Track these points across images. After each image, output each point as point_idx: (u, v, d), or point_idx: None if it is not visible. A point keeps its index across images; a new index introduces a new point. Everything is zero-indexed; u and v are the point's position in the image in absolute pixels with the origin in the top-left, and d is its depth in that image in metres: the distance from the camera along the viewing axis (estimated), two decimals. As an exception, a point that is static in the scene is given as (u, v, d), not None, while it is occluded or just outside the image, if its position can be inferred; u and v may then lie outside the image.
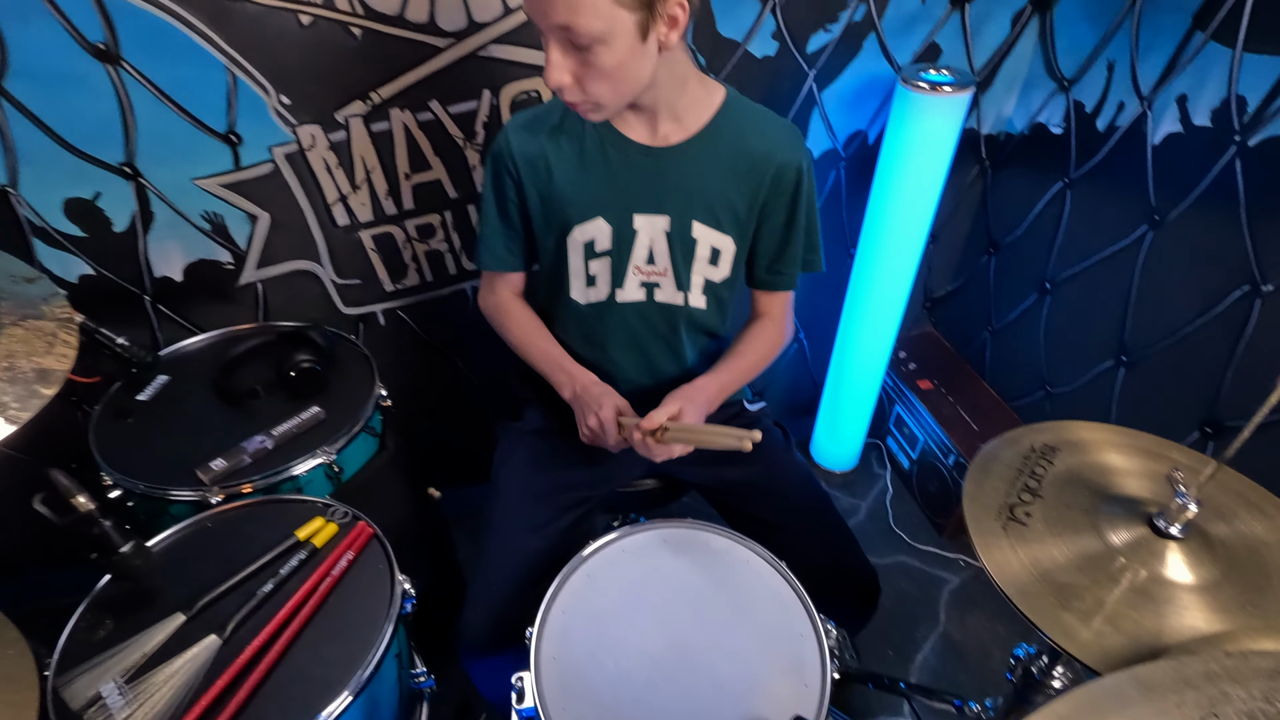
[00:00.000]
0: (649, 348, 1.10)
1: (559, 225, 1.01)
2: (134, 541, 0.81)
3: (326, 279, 1.36)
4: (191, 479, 1.00)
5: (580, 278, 1.04)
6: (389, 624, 0.84)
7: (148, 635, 0.80)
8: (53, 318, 0.92)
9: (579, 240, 1.01)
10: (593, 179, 0.98)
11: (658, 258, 1.02)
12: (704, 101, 0.97)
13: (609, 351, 1.10)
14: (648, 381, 1.13)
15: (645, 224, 1.00)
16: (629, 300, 1.05)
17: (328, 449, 1.07)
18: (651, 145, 0.97)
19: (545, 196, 1.00)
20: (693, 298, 1.06)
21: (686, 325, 1.09)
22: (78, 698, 0.75)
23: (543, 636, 0.82)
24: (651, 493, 1.18)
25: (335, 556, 0.90)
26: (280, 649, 0.80)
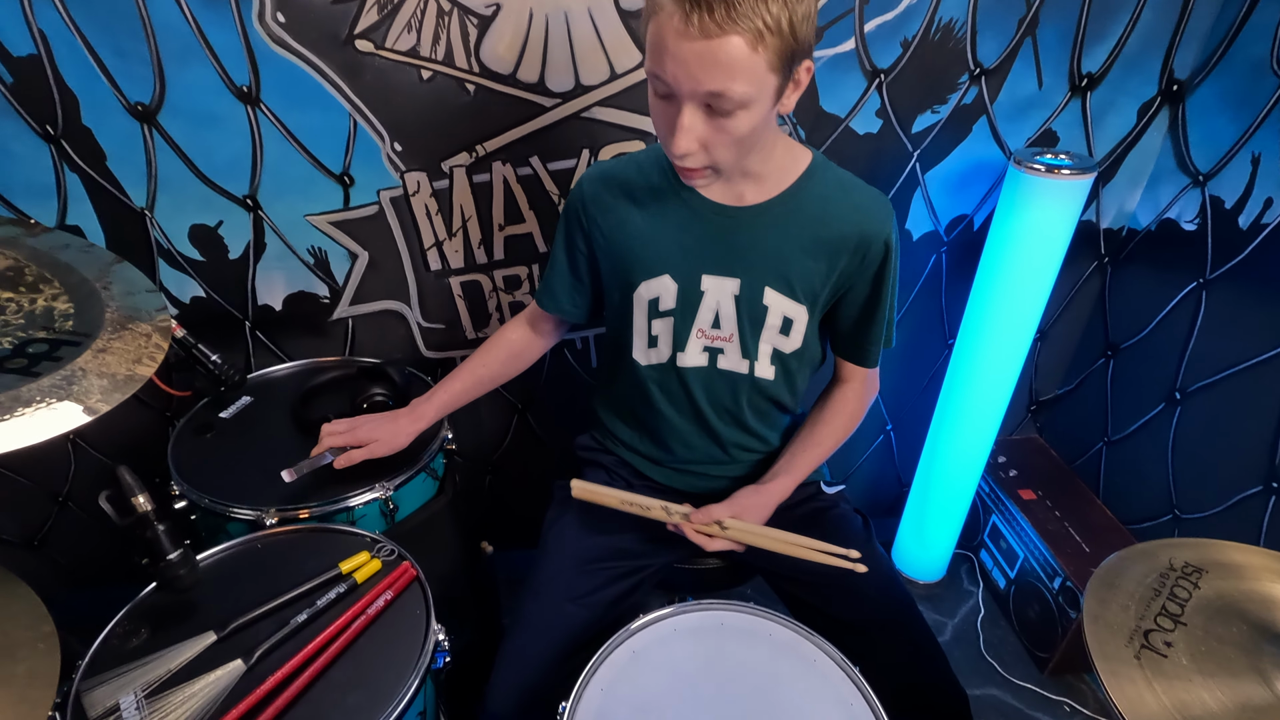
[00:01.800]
0: (710, 416, 1.04)
1: (625, 279, 0.99)
2: (183, 550, 0.80)
3: (413, 321, 1.39)
4: (255, 497, 1.00)
5: (643, 337, 1.01)
6: (416, 677, 0.78)
7: (176, 651, 0.78)
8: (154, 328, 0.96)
9: (644, 297, 0.98)
10: (663, 234, 0.95)
11: (724, 322, 0.97)
12: (787, 165, 0.93)
13: (669, 418, 1.05)
14: (714, 452, 1.07)
15: (714, 285, 0.95)
16: (690, 365, 1.00)
17: (386, 484, 1.05)
18: (727, 204, 0.93)
19: (614, 249, 0.99)
20: (759, 367, 1.00)
21: (751, 395, 1.03)
22: (96, 705, 0.72)
23: (576, 715, 0.73)
24: (713, 573, 1.08)
25: (374, 594, 0.86)
26: (301, 685, 0.75)
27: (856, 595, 0.96)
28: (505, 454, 1.59)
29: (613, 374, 1.09)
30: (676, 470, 1.07)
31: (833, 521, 1.04)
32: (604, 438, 1.14)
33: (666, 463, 1.07)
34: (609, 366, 1.10)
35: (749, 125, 0.77)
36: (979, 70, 1.24)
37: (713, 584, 1.10)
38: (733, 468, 1.07)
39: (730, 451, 1.06)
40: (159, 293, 0.97)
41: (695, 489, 1.07)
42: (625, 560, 1.01)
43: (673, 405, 1.04)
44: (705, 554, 1.07)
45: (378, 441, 1.04)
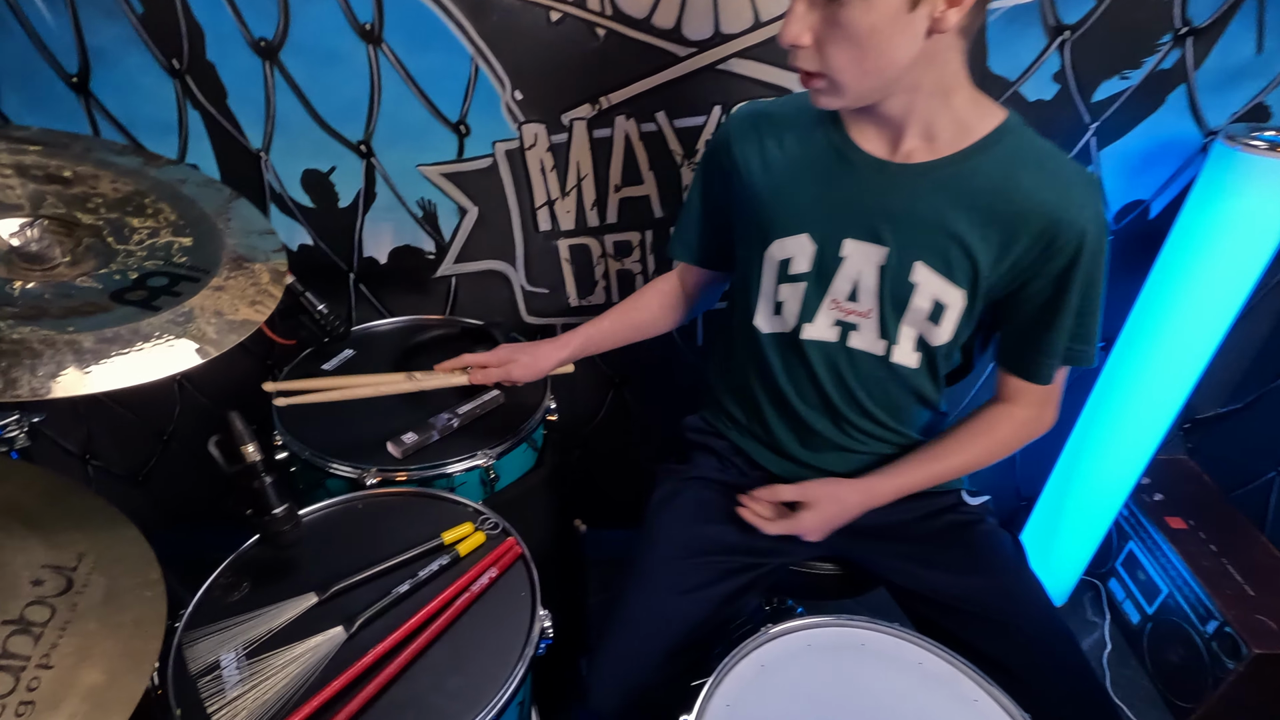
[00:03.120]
0: (835, 399, 0.92)
1: (758, 234, 0.88)
2: (288, 505, 0.76)
3: (517, 283, 1.33)
4: (358, 454, 0.96)
5: (768, 301, 0.90)
6: (521, 665, 0.72)
7: (278, 610, 0.74)
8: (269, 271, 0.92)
9: (775, 256, 0.87)
10: (808, 187, 0.84)
11: (862, 295, 0.85)
12: (970, 120, 0.78)
13: (789, 398, 0.94)
14: (841, 440, 0.95)
15: (856, 252, 0.83)
16: (815, 338, 0.88)
17: (488, 452, 0.99)
18: (887, 159, 0.80)
19: (752, 198, 0.87)
20: (898, 351, 0.87)
21: (884, 382, 0.89)
22: (198, 660, 0.69)
23: (699, 731, 0.65)
24: (829, 579, 0.98)
25: (478, 570, 0.80)
26: (403, 662, 0.70)
27: (1011, 629, 0.83)
28: (597, 429, 1.52)
29: (731, 345, 0.99)
30: (796, 462, 0.96)
31: (979, 539, 0.91)
32: (715, 419, 1.05)
33: (786, 451, 0.97)
34: (727, 337, 1.00)
35: (866, 23, 0.66)
36: (1185, 29, 1.06)
37: (827, 591, 1.00)
38: (861, 461, 0.96)
39: (856, 438, 0.94)
40: (276, 235, 0.93)
41: None
42: (737, 555, 0.91)
43: (793, 383, 0.93)
44: (822, 556, 0.97)
45: (516, 363, 1.02)
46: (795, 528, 0.88)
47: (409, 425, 1.00)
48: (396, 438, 0.98)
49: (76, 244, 0.73)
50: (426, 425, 1.01)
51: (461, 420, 1.03)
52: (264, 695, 0.66)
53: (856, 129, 0.82)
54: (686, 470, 1.00)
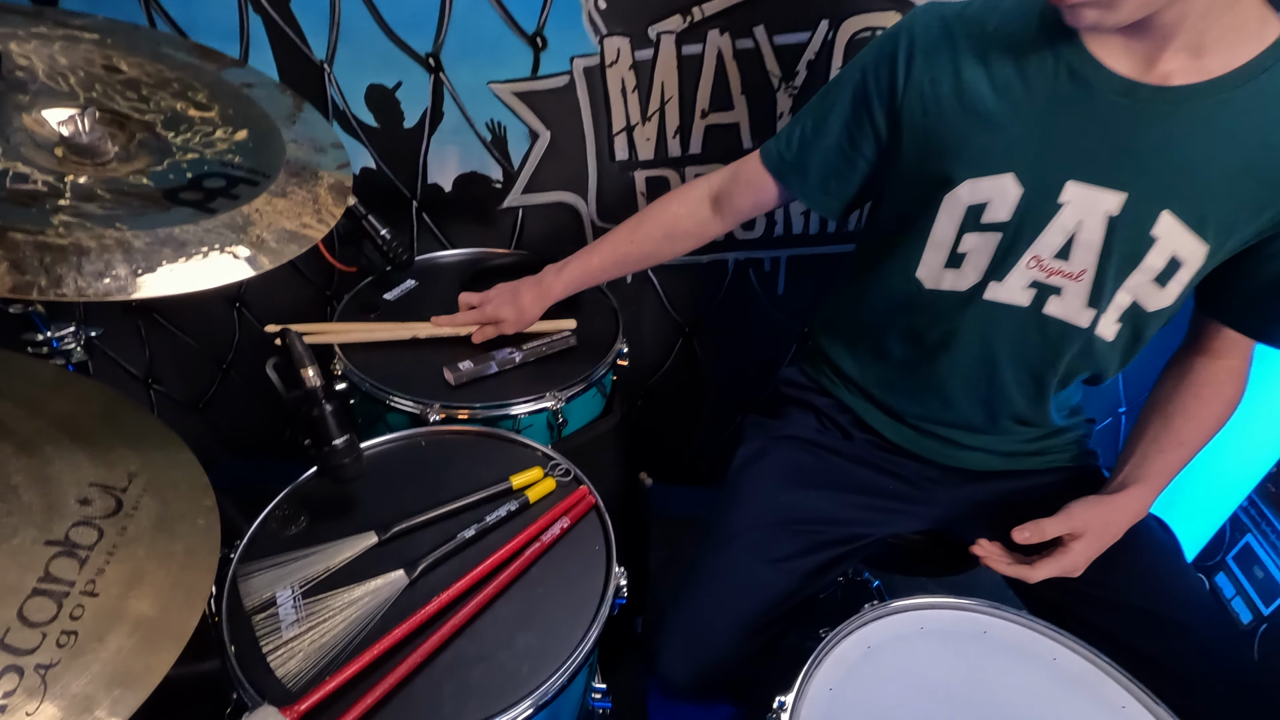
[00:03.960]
0: (1004, 374, 0.78)
1: (939, 172, 0.72)
2: (348, 437, 0.70)
3: (587, 218, 1.23)
4: (420, 388, 0.90)
5: (942, 251, 0.75)
6: (596, 627, 0.65)
7: (336, 548, 0.68)
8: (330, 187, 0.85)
9: (963, 200, 0.71)
10: (1019, 115, 0.68)
11: (1078, 252, 0.69)
12: (1248, 31, 0.61)
13: (939, 364, 0.80)
14: (980, 418, 0.82)
15: (1081, 199, 0.67)
16: (1003, 301, 0.74)
17: (557, 394, 0.92)
18: (1139, 80, 0.64)
19: (935, 126, 0.71)
20: (1103, 322, 0.73)
21: (1074, 358, 0.76)
22: (253, 595, 0.64)
23: (798, 716, 0.57)
24: (930, 554, 0.89)
25: (549, 519, 0.73)
26: (469, 614, 0.64)
27: (1168, 622, 0.71)
28: (663, 380, 1.44)
29: (863, 294, 0.85)
30: (918, 430, 0.86)
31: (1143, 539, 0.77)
32: (820, 374, 0.93)
33: (908, 417, 0.86)
34: (859, 283, 0.87)
35: None
36: None
37: (927, 567, 0.90)
38: (997, 442, 0.84)
39: (1001, 422, 0.82)
40: (343, 149, 0.85)
41: (936, 457, 0.86)
42: (836, 526, 0.82)
43: (952, 349, 0.78)
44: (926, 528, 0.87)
45: (505, 321, 0.96)
46: (1066, 567, 0.71)
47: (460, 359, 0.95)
48: (454, 364, 0.92)
49: (129, 139, 0.66)
50: (486, 357, 0.94)
51: (525, 356, 0.96)
52: (321, 638, 0.61)
53: (1098, 41, 0.65)
54: (779, 427, 0.91)
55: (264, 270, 0.60)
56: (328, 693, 0.56)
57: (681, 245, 0.94)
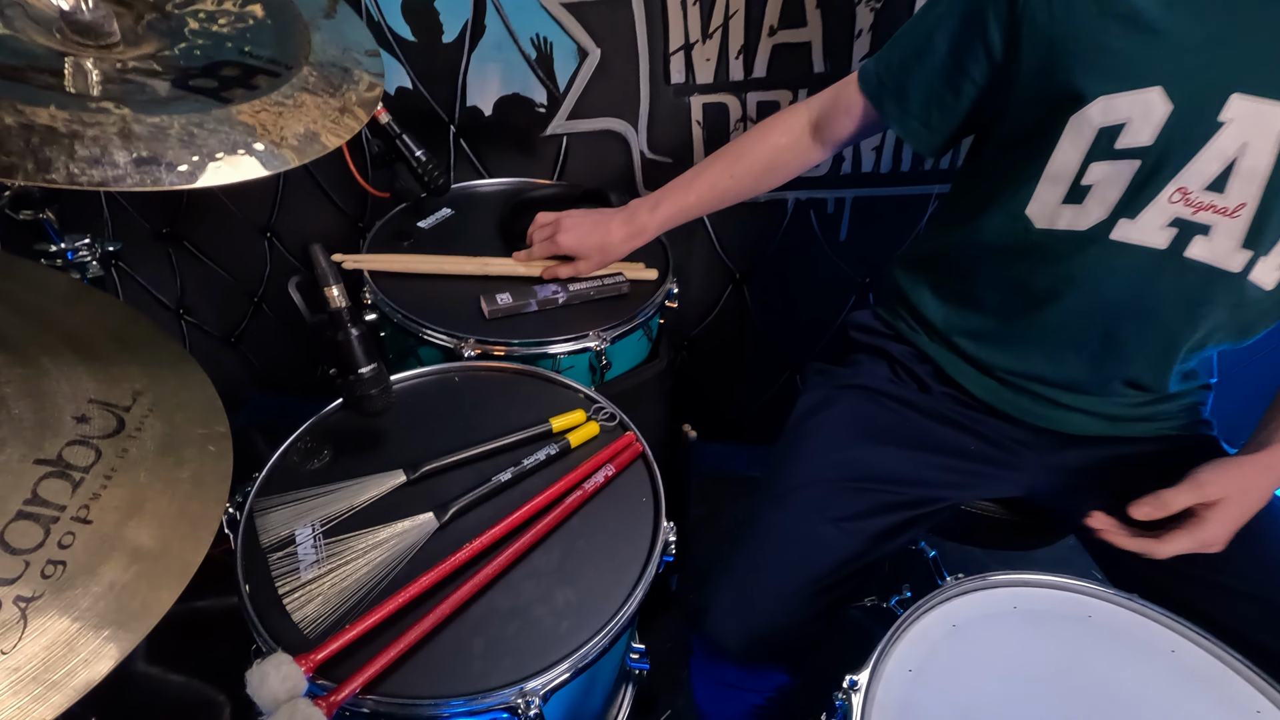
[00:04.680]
0: (1122, 334, 0.67)
1: (1064, 90, 0.61)
2: (376, 366, 0.63)
3: (636, 149, 1.14)
4: (454, 320, 0.83)
5: (1061, 184, 0.64)
6: (642, 586, 0.59)
7: (361, 486, 0.63)
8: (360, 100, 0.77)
9: (1094, 121, 0.60)
10: (1175, 12, 0.56)
11: (1236, 182, 0.58)
12: None
13: (1044, 317, 0.69)
14: (1087, 378, 0.72)
15: (1248, 115, 0.56)
16: (1135, 242, 0.63)
17: (602, 334, 0.84)
18: None
19: (1063, 29, 0.61)
20: (1261, 268, 0.61)
21: (1218, 312, 0.65)
22: (270, 532, 0.59)
23: (873, 698, 0.50)
24: (1010, 525, 0.80)
25: (592, 466, 0.66)
26: (504, 563, 0.58)
27: None
28: (708, 329, 1.35)
29: (955, 234, 0.75)
30: (1010, 386, 0.76)
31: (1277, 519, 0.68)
32: (898, 319, 0.83)
33: (999, 371, 0.76)
34: (950, 221, 0.77)
35: None
36: None
37: (1005, 537, 0.82)
38: (1101, 404, 0.74)
39: (1112, 384, 0.72)
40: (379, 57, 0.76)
41: (1027, 418, 0.76)
42: (907, 487, 0.74)
43: (1063, 299, 0.68)
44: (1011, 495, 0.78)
45: (585, 260, 0.88)
46: (1204, 540, 0.61)
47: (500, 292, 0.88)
48: (492, 297, 0.85)
49: (137, 19, 0.59)
50: (526, 291, 0.87)
51: (569, 298, 0.88)
52: (342, 581, 0.56)
53: None
54: (847, 375, 0.82)
55: (279, 169, 0.53)
56: (347, 642, 0.51)
57: (782, 177, 0.85)
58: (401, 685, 0.51)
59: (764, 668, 0.71)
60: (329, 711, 0.47)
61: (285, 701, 0.46)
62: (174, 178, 0.48)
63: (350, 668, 0.50)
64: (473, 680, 0.51)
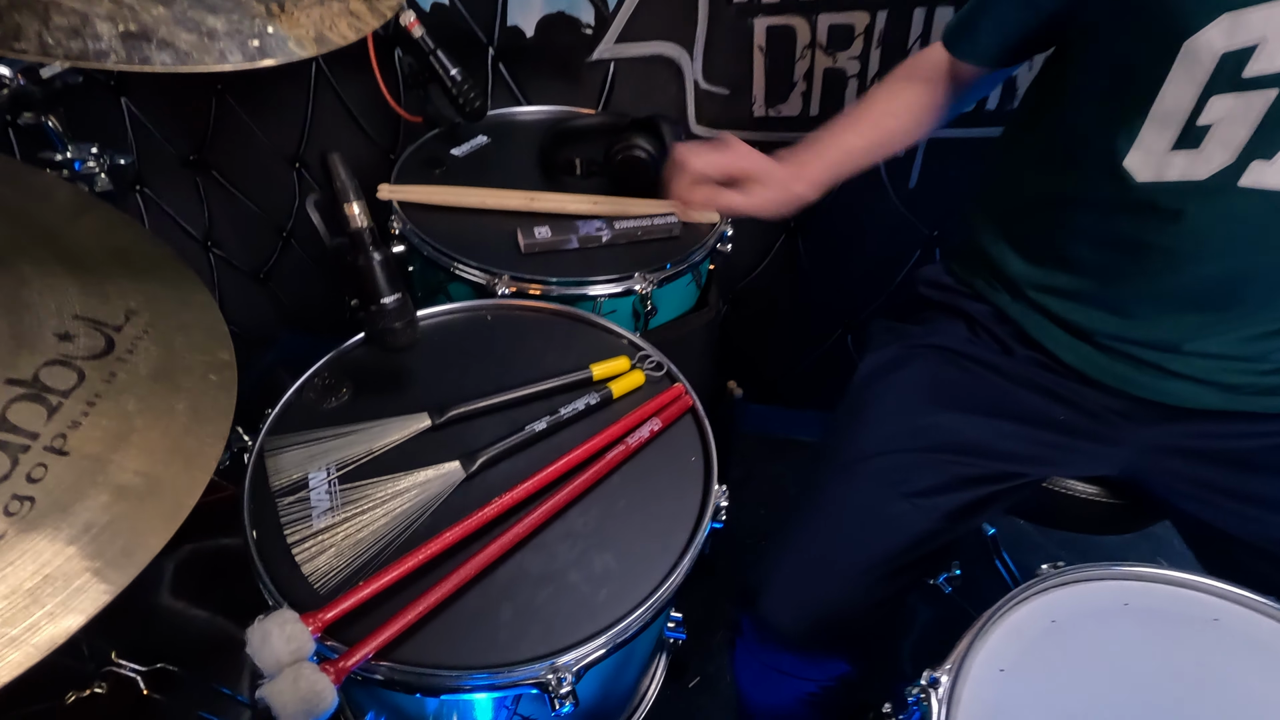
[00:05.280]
0: (1249, 294, 0.58)
1: (1175, 11, 0.52)
2: (400, 296, 0.57)
3: (689, 78, 1.04)
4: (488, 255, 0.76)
5: (1169, 127, 0.54)
6: (690, 554, 0.52)
7: (382, 429, 0.57)
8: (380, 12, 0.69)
9: (1213, 47, 0.50)
10: None
11: None
12: None
13: (1154, 276, 0.60)
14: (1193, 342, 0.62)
15: None
16: (1272, 187, 0.53)
17: (648, 276, 0.77)
18: None
19: None
20: None
21: None
22: (281, 474, 0.53)
23: (958, 699, 0.43)
24: (1099, 507, 0.71)
25: (636, 419, 0.59)
26: (537, 522, 0.52)
27: None
28: (755, 282, 1.26)
29: (1040, 186, 0.67)
30: (1107, 350, 0.66)
31: None
32: (974, 275, 0.74)
33: (1097, 336, 0.66)
34: (1034, 171, 0.68)
35: None
36: None
37: (1087, 521, 0.74)
38: (1219, 370, 0.64)
39: (1231, 349, 0.62)
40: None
41: (1128, 387, 0.66)
42: (988, 460, 0.66)
43: (1178, 256, 0.58)
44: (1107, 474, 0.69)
45: (766, 201, 0.76)
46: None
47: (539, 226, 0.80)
48: (529, 230, 0.78)
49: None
50: (568, 227, 0.79)
51: (614, 236, 0.80)
52: (357, 533, 0.50)
53: None
54: (920, 333, 0.73)
55: (290, 59, 0.46)
56: (360, 600, 0.45)
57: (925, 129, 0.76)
58: (419, 652, 0.45)
59: (823, 656, 0.64)
60: (338, 678, 0.41)
61: (289, 665, 0.41)
62: (166, 57, 0.41)
63: (362, 630, 0.44)
64: (499, 651, 0.46)
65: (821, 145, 0.75)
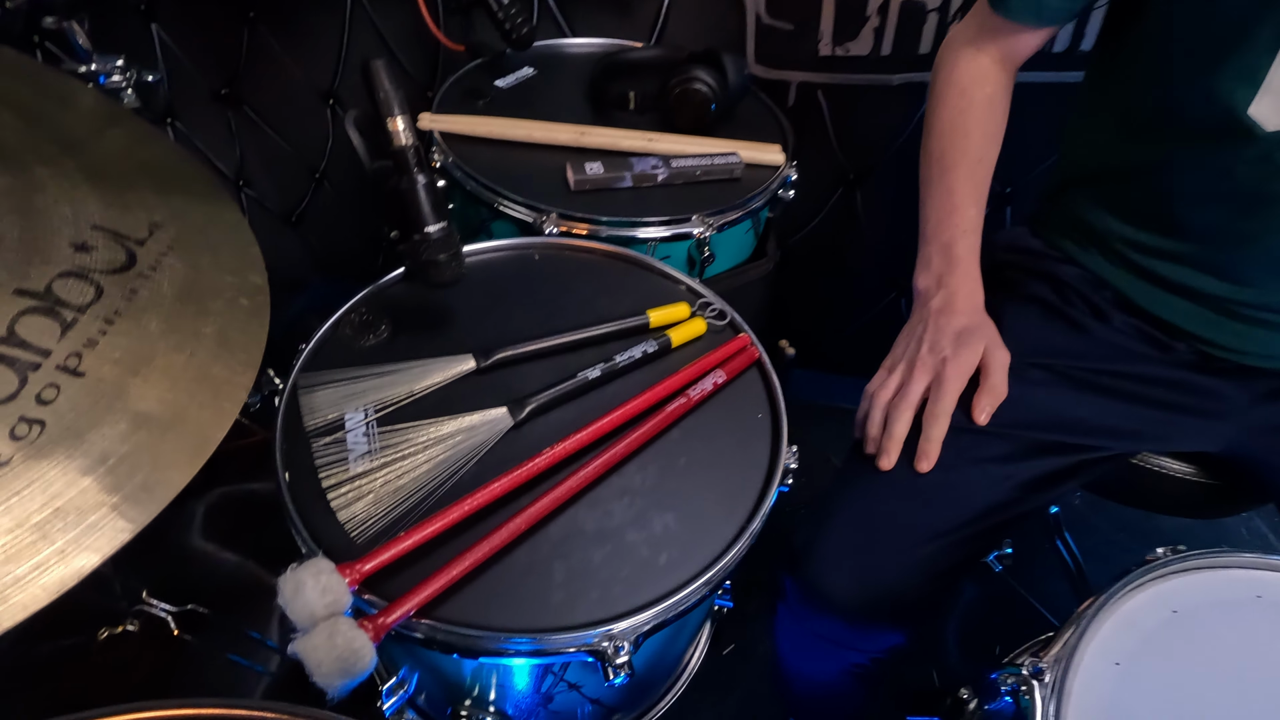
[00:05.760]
0: None
1: None
2: (447, 225, 0.52)
3: (751, 11, 0.95)
4: (536, 191, 0.71)
5: None
6: (757, 519, 0.47)
7: (424, 369, 0.52)
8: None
9: None
10: None
11: None
12: None
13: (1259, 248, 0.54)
14: None
15: None
16: None
17: (708, 219, 0.71)
18: None
19: None
20: None
21: None
22: (316, 413, 0.49)
23: (1068, 695, 0.38)
24: (1195, 487, 0.65)
25: (698, 369, 0.54)
26: (591, 476, 0.47)
27: None
28: (808, 238, 1.19)
29: (1143, 141, 0.59)
30: (1230, 315, 0.59)
31: None
32: (1062, 237, 0.67)
33: (1212, 298, 0.59)
34: (1134, 124, 0.60)
35: None
36: None
37: (1178, 502, 0.67)
38: None
39: None
40: None
41: (1251, 357, 0.60)
42: (1069, 432, 0.59)
43: None
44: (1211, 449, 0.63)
45: (995, 361, 0.59)
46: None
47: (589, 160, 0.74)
48: (580, 165, 0.72)
49: None
50: (621, 163, 0.73)
51: (670, 175, 0.74)
52: (398, 479, 0.46)
53: None
54: (997, 294, 0.65)
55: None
56: (401, 552, 0.41)
57: None
58: (464, 611, 0.41)
59: (874, 625, 0.59)
60: (376, 635, 0.38)
61: (324, 618, 0.37)
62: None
63: (402, 584, 0.40)
64: (551, 613, 0.41)
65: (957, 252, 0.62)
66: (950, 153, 0.65)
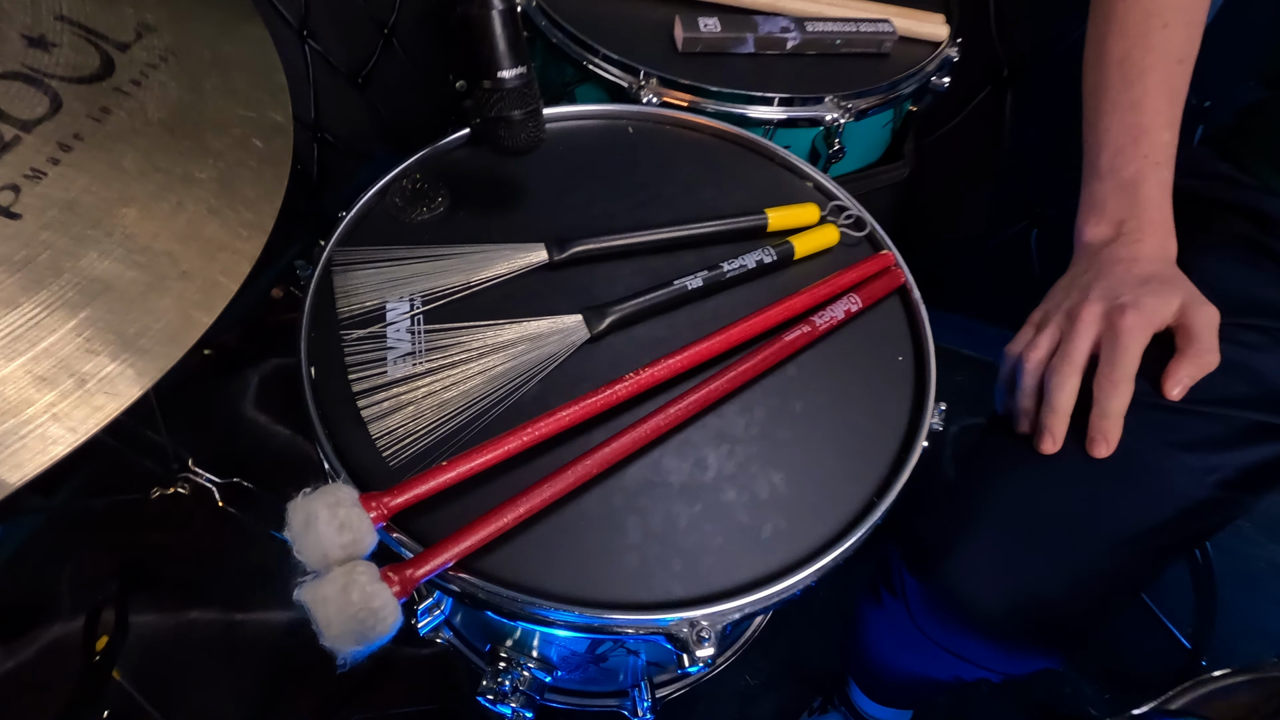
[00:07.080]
0: None
1: None
2: (526, 71, 0.40)
3: None
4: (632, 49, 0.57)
5: None
6: (894, 489, 0.36)
7: (484, 257, 0.42)
8: None
9: None
10: None
11: None
12: None
13: None
14: None
15: None
16: None
17: (844, 103, 0.56)
18: None
19: None
20: None
21: None
22: (351, 297, 0.40)
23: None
24: None
25: (828, 291, 0.42)
26: (683, 415, 0.37)
27: None
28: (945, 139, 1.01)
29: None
30: None
31: None
32: (1261, 164, 0.51)
33: None
34: None
35: None
36: None
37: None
38: None
39: None
40: None
41: None
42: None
43: None
44: None
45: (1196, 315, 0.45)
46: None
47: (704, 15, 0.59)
48: (692, 20, 0.58)
49: None
50: (742, 23, 0.58)
51: (802, 41, 0.59)
52: (444, 390, 0.37)
53: None
54: (1186, 229, 0.49)
55: None
56: (442, 485, 0.32)
57: None
58: (514, 568, 0.33)
59: (1026, 649, 0.48)
60: (404, 589, 0.29)
61: (340, 562, 0.29)
62: None
63: (440, 525, 0.32)
64: (625, 581, 0.33)
65: (1142, 169, 0.48)
66: (1136, 52, 0.48)
